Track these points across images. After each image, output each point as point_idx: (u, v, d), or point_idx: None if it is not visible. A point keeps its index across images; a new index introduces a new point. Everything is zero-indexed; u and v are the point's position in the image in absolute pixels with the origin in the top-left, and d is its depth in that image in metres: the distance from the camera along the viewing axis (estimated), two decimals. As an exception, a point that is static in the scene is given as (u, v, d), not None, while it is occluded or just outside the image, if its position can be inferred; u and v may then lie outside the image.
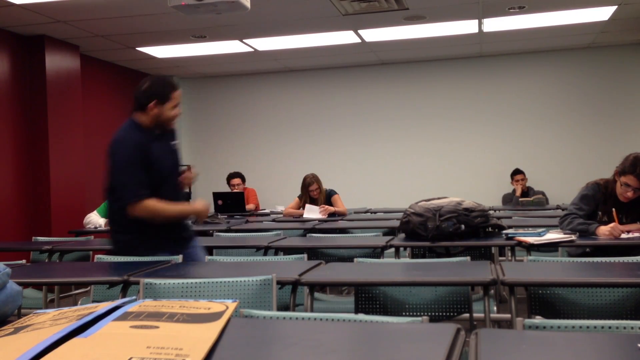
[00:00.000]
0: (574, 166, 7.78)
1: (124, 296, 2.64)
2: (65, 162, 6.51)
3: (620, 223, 3.46)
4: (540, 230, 3.49)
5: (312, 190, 6.12)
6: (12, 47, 6.22)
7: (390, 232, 4.63)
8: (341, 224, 5.29)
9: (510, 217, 5.28)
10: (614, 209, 3.45)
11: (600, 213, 3.53)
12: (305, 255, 3.21)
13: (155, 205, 3.09)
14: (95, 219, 5.34)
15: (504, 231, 3.58)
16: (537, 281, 2.47)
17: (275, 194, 8.40)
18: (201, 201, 3.38)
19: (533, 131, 8.01)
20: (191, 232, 3.45)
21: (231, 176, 7.68)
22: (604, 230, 3.34)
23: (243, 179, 7.71)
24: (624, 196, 3.41)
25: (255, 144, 8.85)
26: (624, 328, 1.53)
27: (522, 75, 8.08)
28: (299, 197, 6.31)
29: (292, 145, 8.69)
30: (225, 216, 6.27)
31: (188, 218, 3.40)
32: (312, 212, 5.94)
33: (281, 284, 2.52)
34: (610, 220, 3.43)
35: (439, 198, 3.77)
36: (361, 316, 1.69)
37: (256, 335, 1.48)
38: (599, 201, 3.53)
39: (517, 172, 7.66)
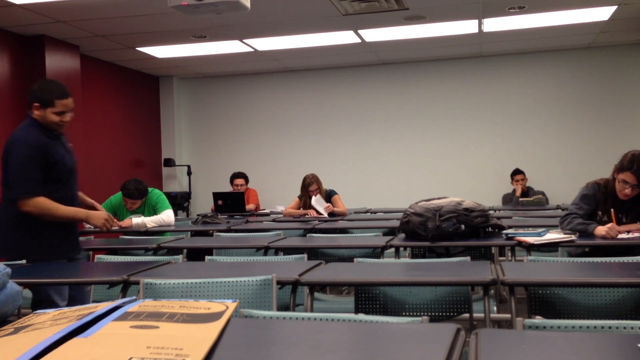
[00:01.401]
0: (574, 166, 7.78)
1: (124, 296, 2.64)
2: (65, 162, 6.50)
3: (620, 222, 3.46)
4: (540, 230, 3.49)
5: (312, 191, 6.12)
6: (12, 47, 6.22)
7: (390, 232, 4.63)
8: (341, 224, 5.29)
9: (510, 217, 5.28)
10: (612, 210, 3.45)
11: (600, 213, 3.54)
12: (305, 255, 3.21)
13: (45, 202, 3.18)
14: (95, 219, 5.33)
15: (504, 231, 3.58)
16: (537, 281, 2.47)
17: (276, 194, 8.40)
18: (100, 212, 3.46)
19: (533, 131, 8.01)
20: (68, 244, 3.42)
21: (235, 176, 7.68)
22: (601, 230, 3.34)
23: (247, 180, 7.71)
24: (622, 193, 3.42)
25: (255, 144, 8.85)
26: (624, 328, 1.53)
27: (522, 75, 8.08)
28: (299, 197, 6.31)
29: (292, 145, 8.69)
30: (226, 216, 6.27)
31: (79, 221, 3.44)
32: (319, 204, 5.94)
33: (281, 284, 2.52)
34: (610, 220, 3.43)
35: (439, 198, 3.77)
36: (361, 316, 1.69)
37: (256, 335, 1.48)
38: (599, 201, 3.53)
39: (517, 172, 7.65)
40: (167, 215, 5.25)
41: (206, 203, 8.36)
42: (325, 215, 5.88)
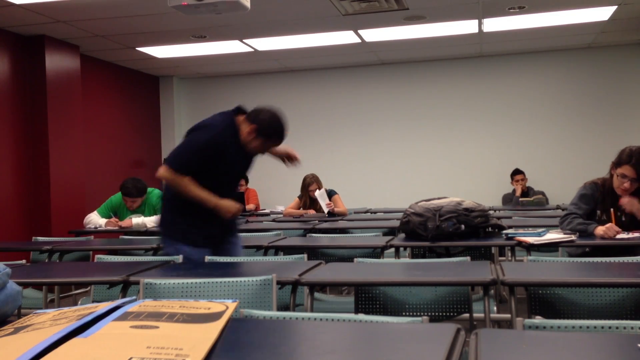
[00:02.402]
0: (574, 166, 7.78)
1: (124, 296, 2.64)
2: (65, 162, 6.51)
3: (619, 221, 3.46)
4: (540, 230, 3.49)
5: (312, 190, 6.12)
6: (12, 47, 6.22)
7: (390, 232, 4.63)
8: (341, 224, 5.29)
9: (510, 217, 5.28)
10: (612, 209, 3.45)
11: (599, 212, 3.54)
12: (305, 255, 3.21)
13: (182, 180, 3.12)
14: (96, 219, 5.34)
15: (504, 231, 3.58)
16: (537, 281, 2.47)
17: (276, 194, 8.40)
18: (232, 202, 3.25)
19: (533, 131, 8.01)
20: (225, 228, 3.39)
21: None
22: (599, 230, 3.34)
23: (246, 180, 7.72)
24: (621, 188, 3.41)
25: (255, 144, 8.84)
26: (624, 328, 1.53)
27: (522, 75, 8.08)
28: (299, 197, 6.32)
29: (292, 145, 8.65)
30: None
31: (209, 207, 3.20)
32: (322, 198, 5.94)
33: (281, 284, 2.52)
34: (609, 220, 3.43)
35: (439, 198, 3.76)
36: (361, 316, 1.69)
37: (256, 335, 1.47)
38: (597, 200, 3.53)
39: (517, 172, 7.66)
40: (167, 215, 5.24)
41: (206, 203, 8.36)
42: (326, 210, 5.88)
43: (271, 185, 8.55)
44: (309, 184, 6.14)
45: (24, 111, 6.32)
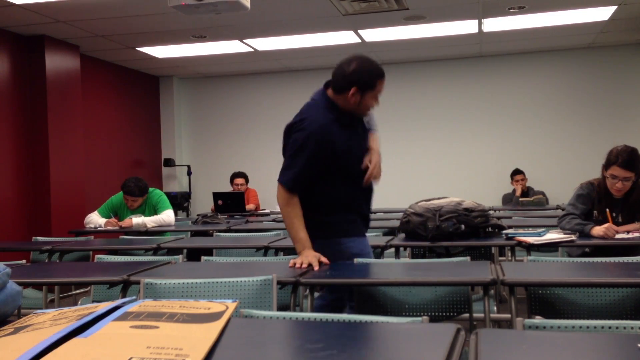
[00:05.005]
0: (574, 166, 7.78)
1: (124, 296, 2.64)
2: (65, 162, 6.51)
3: (615, 221, 3.47)
4: (540, 230, 3.49)
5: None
6: (12, 47, 6.22)
7: (390, 232, 4.62)
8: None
9: (510, 217, 5.28)
10: (607, 210, 3.46)
11: (596, 212, 3.55)
12: (305, 255, 3.20)
13: (289, 205, 2.95)
14: (96, 219, 5.33)
15: (504, 231, 3.58)
16: (537, 281, 2.47)
17: (276, 194, 8.39)
18: (310, 254, 2.82)
19: (533, 131, 8.01)
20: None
21: (235, 175, 7.68)
22: (598, 230, 3.35)
23: (247, 180, 7.72)
24: (614, 189, 3.45)
25: (255, 144, 8.85)
26: (624, 328, 1.53)
27: (522, 75, 8.08)
28: (299, 197, 6.30)
29: (292, 145, 8.67)
30: (226, 216, 6.27)
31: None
32: None
33: (281, 284, 2.52)
34: (606, 220, 3.44)
35: (439, 198, 3.76)
36: (361, 316, 1.69)
37: (256, 335, 1.48)
38: (594, 200, 3.55)
39: (517, 172, 7.66)
40: (167, 215, 5.25)
41: (206, 203, 8.36)
42: None
43: (271, 185, 8.50)
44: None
45: (24, 111, 6.32)
